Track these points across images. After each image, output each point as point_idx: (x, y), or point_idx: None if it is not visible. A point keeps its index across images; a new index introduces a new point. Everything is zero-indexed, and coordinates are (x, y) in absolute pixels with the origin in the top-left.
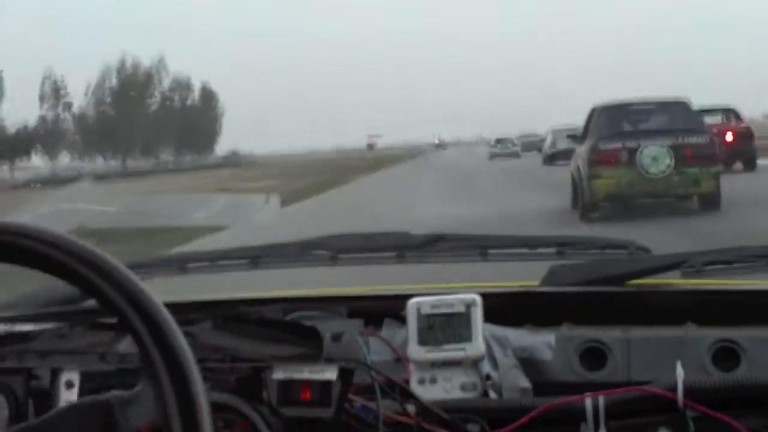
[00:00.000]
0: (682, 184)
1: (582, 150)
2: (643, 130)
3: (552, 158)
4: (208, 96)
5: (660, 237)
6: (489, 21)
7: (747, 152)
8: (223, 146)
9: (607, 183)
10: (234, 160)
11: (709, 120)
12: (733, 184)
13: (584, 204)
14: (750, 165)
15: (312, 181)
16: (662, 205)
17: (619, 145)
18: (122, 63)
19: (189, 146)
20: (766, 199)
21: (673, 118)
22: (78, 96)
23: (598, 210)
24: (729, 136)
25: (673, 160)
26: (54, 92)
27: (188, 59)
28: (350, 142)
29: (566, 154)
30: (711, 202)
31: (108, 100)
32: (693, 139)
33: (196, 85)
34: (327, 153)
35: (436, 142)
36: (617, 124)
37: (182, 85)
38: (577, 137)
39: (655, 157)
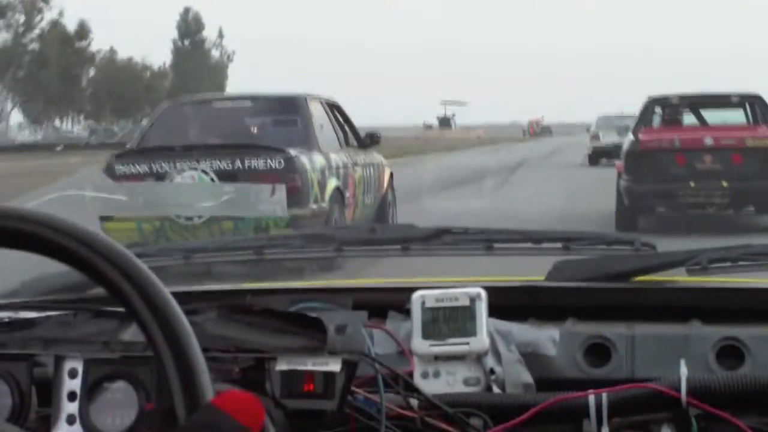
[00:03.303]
0: (237, 234)
1: None
2: (182, 145)
3: (596, 156)
4: (193, 27)
5: None
6: None
7: None
8: None
9: (122, 229)
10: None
11: (725, 117)
12: None
13: None
14: None
15: None
16: None
17: (141, 169)
18: None
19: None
20: None
21: (257, 126)
22: None
23: None
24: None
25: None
26: None
27: None
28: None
29: (615, 151)
30: None
31: None
32: (257, 162)
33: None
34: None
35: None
36: (173, 132)
37: None
38: None
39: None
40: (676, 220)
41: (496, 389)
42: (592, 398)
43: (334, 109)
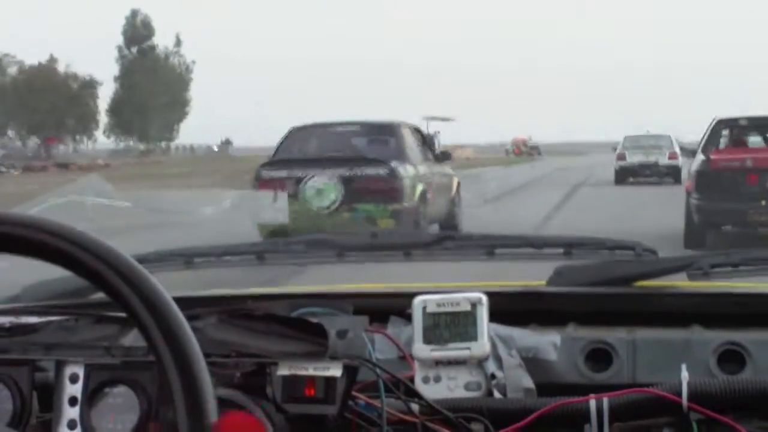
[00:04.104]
0: (353, 222)
1: None
2: (313, 157)
3: (622, 175)
4: (141, 32)
5: None
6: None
7: None
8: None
9: None
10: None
11: None
12: None
13: None
14: None
15: None
16: None
17: (283, 174)
18: None
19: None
20: None
21: (365, 144)
22: None
23: None
24: None
25: (341, 195)
26: None
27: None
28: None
29: (641, 170)
30: None
31: None
32: (368, 171)
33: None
34: None
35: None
36: (301, 148)
37: None
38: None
39: (320, 189)
40: (744, 237)
41: (497, 394)
42: (593, 403)
43: (417, 132)
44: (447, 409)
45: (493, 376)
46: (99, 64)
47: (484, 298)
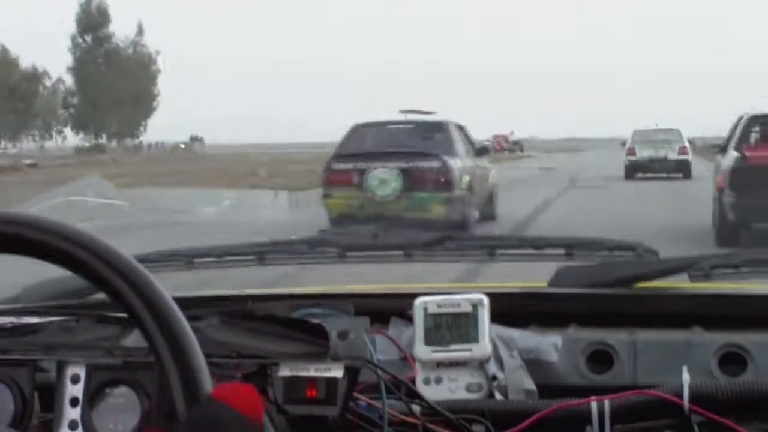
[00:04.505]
0: (411, 208)
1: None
2: (375, 152)
3: (632, 170)
4: (97, 19)
5: None
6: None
7: None
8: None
9: (338, 204)
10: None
11: None
12: None
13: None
14: None
15: None
16: None
17: (350, 166)
18: None
19: None
20: None
21: (419, 140)
22: None
23: None
24: None
25: (401, 184)
26: None
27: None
28: None
29: (651, 165)
30: (447, 227)
31: None
32: (424, 164)
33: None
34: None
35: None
36: (363, 143)
37: None
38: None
39: (383, 179)
40: None
41: (498, 396)
42: (594, 405)
43: (461, 129)
44: (448, 410)
45: (494, 378)
46: (57, 56)
47: (485, 300)
